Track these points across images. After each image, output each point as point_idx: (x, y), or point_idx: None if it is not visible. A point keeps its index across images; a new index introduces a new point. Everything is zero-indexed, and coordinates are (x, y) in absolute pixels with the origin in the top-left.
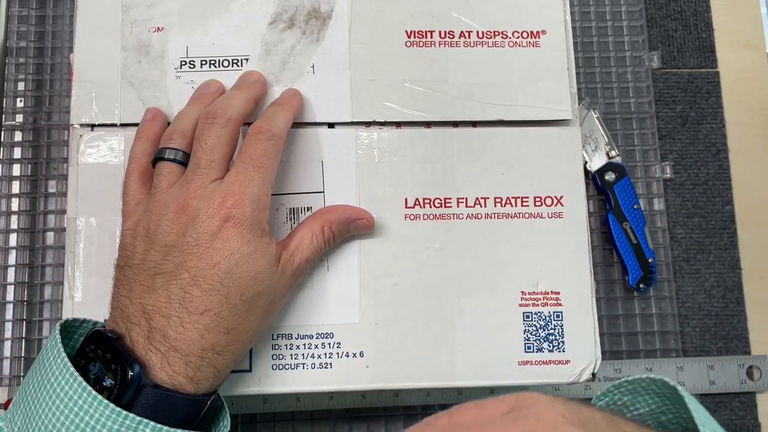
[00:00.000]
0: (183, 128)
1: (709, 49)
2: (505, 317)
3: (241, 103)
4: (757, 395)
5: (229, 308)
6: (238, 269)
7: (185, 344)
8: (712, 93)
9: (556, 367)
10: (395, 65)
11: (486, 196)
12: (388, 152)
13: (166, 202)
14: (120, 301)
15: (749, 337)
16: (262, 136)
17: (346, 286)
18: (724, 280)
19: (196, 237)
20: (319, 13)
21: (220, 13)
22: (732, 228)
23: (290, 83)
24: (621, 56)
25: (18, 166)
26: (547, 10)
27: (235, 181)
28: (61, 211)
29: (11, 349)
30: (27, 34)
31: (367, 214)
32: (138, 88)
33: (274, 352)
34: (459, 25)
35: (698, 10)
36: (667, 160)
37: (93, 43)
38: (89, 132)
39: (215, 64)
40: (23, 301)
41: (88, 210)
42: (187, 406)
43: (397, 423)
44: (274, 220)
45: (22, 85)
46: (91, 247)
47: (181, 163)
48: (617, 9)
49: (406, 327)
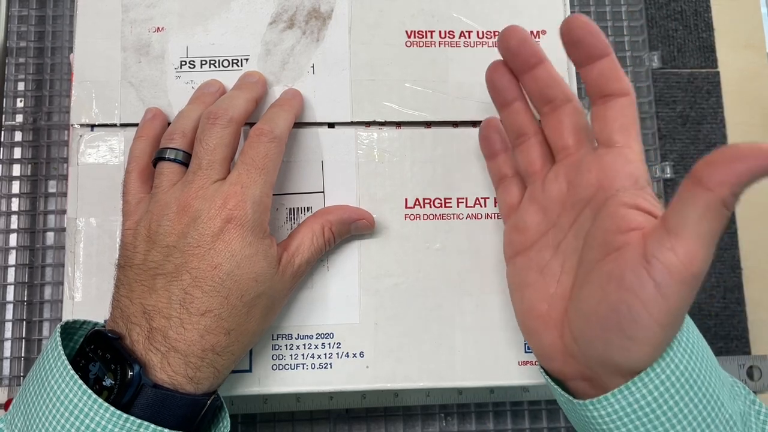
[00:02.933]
0: (184, 128)
1: (710, 49)
2: (505, 317)
3: (242, 103)
4: (757, 395)
5: (229, 309)
6: (239, 271)
7: (185, 345)
8: (713, 93)
9: None
10: (395, 65)
11: (486, 196)
12: (388, 152)
13: (167, 202)
14: (120, 301)
15: (749, 337)
16: (264, 138)
17: (346, 286)
18: (724, 280)
19: (197, 238)
20: (319, 13)
21: (220, 13)
22: (732, 228)
23: (290, 83)
24: (621, 56)
25: (18, 166)
26: (547, 10)
27: (237, 182)
28: (61, 211)
29: (11, 349)
30: (27, 34)
31: (367, 214)
32: (138, 88)
33: (274, 353)
34: (459, 25)
35: (698, 10)
36: (668, 160)
37: (93, 43)
38: (89, 132)
39: (215, 64)
40: (23, 301)
41: (88, 210)
42: (186, 406)
43: (397, 423)
44: (274, 220)
45: (22, 85)
46: (91, 247)
47: (182, 163)
48: (617, 9)
49: (406, 327)
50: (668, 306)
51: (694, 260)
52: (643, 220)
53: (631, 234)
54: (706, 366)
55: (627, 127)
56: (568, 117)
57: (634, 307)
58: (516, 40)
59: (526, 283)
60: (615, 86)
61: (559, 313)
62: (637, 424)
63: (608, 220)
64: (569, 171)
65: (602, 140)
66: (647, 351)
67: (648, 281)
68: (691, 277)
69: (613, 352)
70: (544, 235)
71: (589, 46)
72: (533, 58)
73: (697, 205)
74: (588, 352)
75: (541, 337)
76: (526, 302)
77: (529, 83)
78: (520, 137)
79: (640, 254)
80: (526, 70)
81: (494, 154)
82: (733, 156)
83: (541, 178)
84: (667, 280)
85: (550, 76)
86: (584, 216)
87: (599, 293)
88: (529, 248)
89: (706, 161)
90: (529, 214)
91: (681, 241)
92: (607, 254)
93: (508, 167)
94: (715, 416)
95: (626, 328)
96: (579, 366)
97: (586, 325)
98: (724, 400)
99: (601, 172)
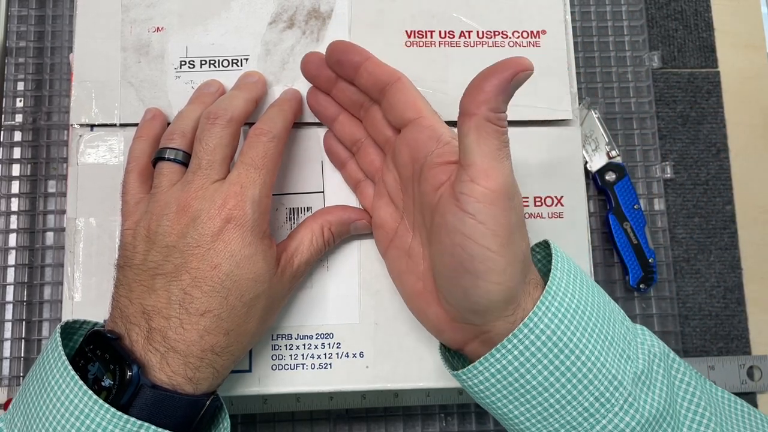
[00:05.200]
0: (183, 128)
1: (710, 49)
2: None
3: (241, 103)
4: (757, 395)
5: (228, 310)
6: (239, 271)
7: (185, 345)
8: (713, 93)
9: None
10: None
11: None
12: None
13: (166, 202)
14: (120, 302)
15: (750, 337)
16: (263, 138)
17: (346, 286)
18: (724, 280)
19: (197, 238)
20: (318, 13)
21: (220, 13)
22: (732, 228)
23: (290, 83)
24: (621, 56)
25: (18, 166)
26: (547, 10)
27: (237, 182)
28: (61, 211)
29: (11, 349)
30: (27, 34)
31: (366, 214)
32: (138, 88)
33: (273, 353)
34: (459, 25)
35: (698, 10)
36: (668, 160)
37: (93, 43)
38: (89, 132)
39: (215, 64)
40: (23, 301)
41: (87, 210)
42: (185, 406)
43: (397, 423)
44: (274, 220)
45: (22, 85)
46: (90, 247)
47: (181, 163)
48: (617, 9)
49: (407, 327)
50: (491, 230)
51: (490, 178)
52: (451, 171)
53: (443, 187)
54: (587, 330)
55: (411, 101)
56: (379, 113)
57: (464, 244)
58: (312, 66)
59: (402, 270)
60: (384, 77)
61: (432, 284)
62: (504, 393)
63: (424, 183)
64: (394, 159)
65: (399, 123)
66: (495, 280)
67: (463, 215)
68: (494, 194)
69: (470, 294)
70: (400, 222)
71: (348, 58)
72: (333, 75)
73: (470, 131)
74: (456, 305)
75: (427, 313)
76: (407, 286)
77: (339, 96)
78: (355, 144)
79: (451, 197)
80: (332, 86)
81: (342, 163)
82: (481, 79)
83: (381, 174)
84: (476, 207)
85: (351, 85)
86: (415, 191)
87: (439, 247)
88: (392, 239)
89: (465, 93)
90: (381, 209)
91: (473, 168)
92: (433, 212)
93: (359, 173)
94: (593, 378)
95: (468, 267)
96: (464, 327)
97: (444, 281)
98: (607, 361)
99: (408, 147)
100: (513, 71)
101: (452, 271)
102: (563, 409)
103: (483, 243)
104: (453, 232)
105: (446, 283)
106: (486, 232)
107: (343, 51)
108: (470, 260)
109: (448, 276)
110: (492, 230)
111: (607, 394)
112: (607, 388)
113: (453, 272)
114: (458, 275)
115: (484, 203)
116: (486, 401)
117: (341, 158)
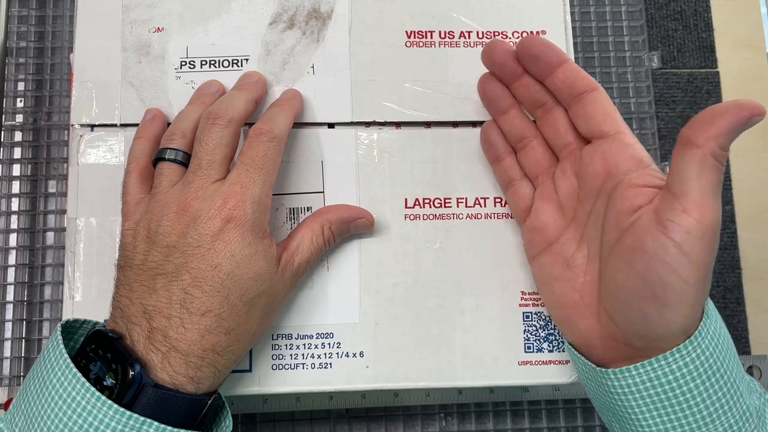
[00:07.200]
0: (184, 128)
1: (709, 49)
2: (505, 317)
3: (242, 103)
4: None
5: (229, 309)
6: (239, 271)
7: (186, 345)
8: (712, 93)
9: (556, 367)
10: (395, 65)
11: (485, 196)
12: (388, 152)
13: (167, 202)
14: (120, 302)
15: (749, 337)
16: (263, 138)
17: (346, 286)
18: (724, 280)
19: (197, 238)
20: (319, 14)
21: (220, 14)
22: (732, 228)
23: (290, 83)
24: (621, 56)
25: (18, 166)
26: (547, 10)
27: (237, 182)
28: (61, 211)
29: (11, 349)
30: (27, 34)
31: (366, 213)
32: (138, 89)
33: (274, 352)
34: (459, 25)
35: (698, 10)
36: (668, 160)
37: (93, 43)
38: (89, 132)
39: (215, 65)
40: (23, 301)
41: (88, 210)
42: (187, 405)
43: (397, 423)
44: (274, 220)
45: (22, 85)
46: (91, 247)
47: (181, 164)
48: (617, 9)
49: (406, 327)
50: (693, 262)
51: (705, 213)
52: (651, 195)
53: (642, 209)
54: (730, 356)
55: (610, 115)
56: (562, 116)
57: (662, 271)
58: (500, 55)
59: (554, 277)
60: (582, 84)
61: (592, 299)
62: (654, 399)
63: (620, 202)
64: (575, 166)
65: (593, 134)
66: (682, 313)
67: (669, 243)
68: (706, 229)
69: (651, 321)
70: (565, 230)
71: (547, 56)
72: (519, 68)
73: (692, 163)
74: (627, 328)
75: (577, 325)
76: (558, 294)
77: (520, 91)
78: (522, 141)
79: (655, 222)
80: (515, 79)
81: (499, 158)
82: (714, 114)
83: (550, 177)
84: (686, 238)
85: (537, 83)
86: (599, 205)
87: (626, 268)
88: (551, 245)
89: (691, 125)
90: (545, 213)
91: (688, 199)
92: (624, 232)
93: (515, 170)
94: (733, 405)
95: (659, 294)
96: (619, 346)
97: (621, 302)
98: (743, 391)
99: (604, 161)
100: (750, 113)
101: (636, 295)
102: (699, 430)
103: (682, 274)
104: (651, 258)
105: (622, 305)
106: (688, 265)
107: (542, 48)
108: (663, 288)
109: (628, 299)
110: (694, 263)
111: (741, 422)
112: (742, 415)
113: (637, 296)
114: (643, 300)
115: (695, 236)
116: (620, 403)
117: (498, 152)
